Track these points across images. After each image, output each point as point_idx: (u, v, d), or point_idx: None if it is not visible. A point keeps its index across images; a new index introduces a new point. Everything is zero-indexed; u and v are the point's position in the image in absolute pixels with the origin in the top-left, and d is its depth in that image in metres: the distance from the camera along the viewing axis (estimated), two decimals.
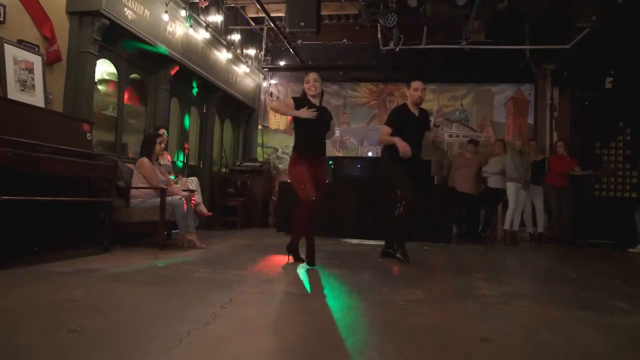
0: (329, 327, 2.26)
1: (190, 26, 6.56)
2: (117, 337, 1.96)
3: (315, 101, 4.26)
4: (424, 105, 5.04)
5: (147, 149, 5.23)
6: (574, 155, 8.06)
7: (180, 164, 7.33)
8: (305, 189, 4.05)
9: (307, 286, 3.30)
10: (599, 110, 8.77)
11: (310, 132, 4.21)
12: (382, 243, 5.10)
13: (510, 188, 7.56)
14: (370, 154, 8.59)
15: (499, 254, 6.15)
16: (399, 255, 4.69)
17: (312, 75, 4.25)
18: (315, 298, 2.90)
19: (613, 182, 8.81)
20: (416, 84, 4.78)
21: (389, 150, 4.78)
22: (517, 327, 2.38)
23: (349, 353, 1.89)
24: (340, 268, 4.14)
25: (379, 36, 7.30)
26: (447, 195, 7.30)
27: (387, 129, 4.77)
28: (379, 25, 6.87)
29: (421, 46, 7.43)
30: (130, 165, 5.31)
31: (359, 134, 9.47)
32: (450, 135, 9.19)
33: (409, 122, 4.75)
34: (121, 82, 5.93)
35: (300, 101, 4.25)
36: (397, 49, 7.27)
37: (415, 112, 4.83)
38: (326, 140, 4.44)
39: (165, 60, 6.46)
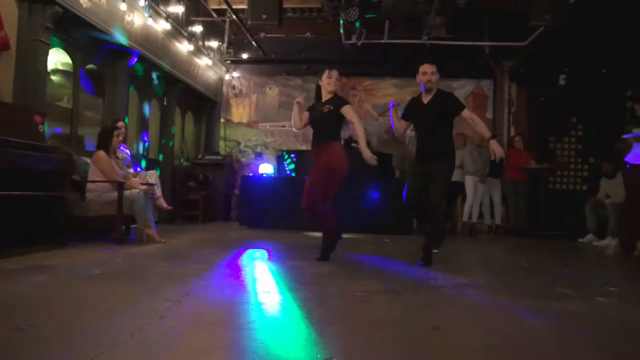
0: (285, 319, 2.28)
1: (150, 16, 6.42)
2: (65, 334, 1.92)
3: (328, 95, 4.18)
4: (385, 100, 4.88)
5: (105, 142, 5.10)
6: (530, 150, 8.32)
7: (143, 161, 7.19)
8: (304, 193, 4.12)
9: (267, 280, 3.30)
10: (554, 106, 9.08)
11: (315, 127, 4.19)
12: (349, 235, 5.07)
13: (469, 181, 7.76)
14: None
15: (458, 246, 6.31)
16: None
17: (335, 73, 4.18)
18: (273, 291, 2.91)
19: (566, 176, 9.16)
20: (423, 67, 4.15)
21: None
22: (468, 315, 2.46)
23: (304, 344, 1.91)
24: (301, 261, 4.16)
25: (342, 30, 7.32)
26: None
27: (400, 123, 4.39)
28: (341, 19, 6.89)
29: (383, 41, 7.50)
30: (87, 159, 5.17)
31: None
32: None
33: (417, 113, 4.25)
34: (77, 72, 5.75)
35: (311, 107, 4.28)
36: (359, 43, 7.31)
37: (426, 99, 4.20)
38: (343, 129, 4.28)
39: (124, 51, 6.30)
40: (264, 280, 3.28)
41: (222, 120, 9.82)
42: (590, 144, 8.95)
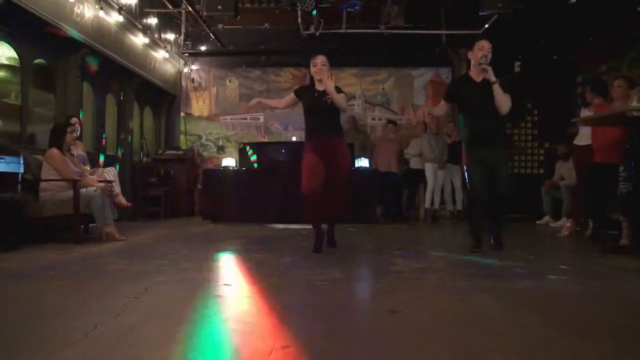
0: (244, 311, 2.28)
1: (101, 8, 6.23)
2: (16, 335, 1.87)
3: (320, 86, 4.06)
4: (345, 89, 4.54)
5: (57, 139, 4.95)
6: None
7: (101, 157, 7.01)
8: (304, 178, 3.93)
9: (227, 273, 3.29)
10: (509, 92, 9.28)
11: (313, 117, 4.09)
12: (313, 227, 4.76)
13: (428, 168, 7.92)
14: (294, 138, 8.60)
15: (420, 232, 6.43)
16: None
17: (319, 59, 4.02)
18: (233, 284, 2.90)
19: (523, 160, 9.43)
20: (481, 43, 3.97)
21: (465, 132, 4.13)
22: (424, 298, 2.52)
23: (262, 334, 1.92)
24: (263, 253, 4.16)
25: (299, 20, 7.30)
26: (370, 177, 7.48)
27: (442, 105, 4.16)
28: (298, 9, 6.87)
29: (341, 30, 7.51)
30: (40, 157, 5.00)
31: (283, 118, 9.44)
32: (373, 119, 9.41)
33: (470, 94, 3.98)
34: (24, 67, 5.54)
35: (302, 90, 4.19)
36: (317, 33, 7.31)
37: (479, 79, 3.97)
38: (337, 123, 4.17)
39: (75, 44, 6.09)
40: (224, 273, 3.27)
41: (182, 114, 9.66)
42: (545, 129, 9.23)
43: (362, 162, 7.58)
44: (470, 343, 1.81)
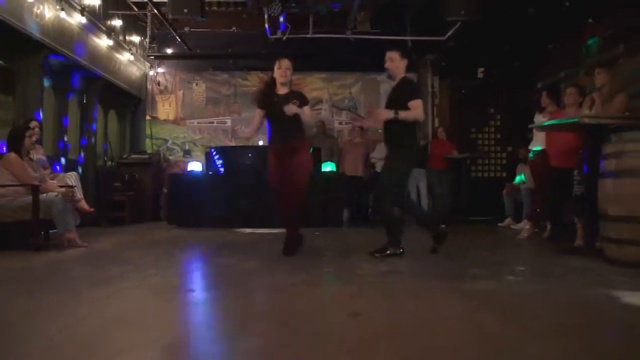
0: (208, 316, 2.28)
1: (62, 9, 6.10)
2: None
3: (284, 89, 4.15)
4: (312, 94, 4.76)
5: (15, 143, 4.80)
6: (453, 140, 8.71)
7: (63, 162, 6.83)
8: (269, 174, 4.08)
9: (191, 279, 3.28)
10: (474, 98, 9.55)
11: (274, 121, 4.15)
12: (278, 230, 4.96)
13: None
14: (260, 142, 8.58)
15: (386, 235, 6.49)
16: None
17: (285, 62, 4.10)
18: (197, 289, 2.90)
19: (487, 164, 9.68)
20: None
21: None
22: (386, 300, 2.58)
23: (223, 339, 1.93)
24: (228, 258, 4.15)
25: (266, 25, 7.31)
26: (337, 181, 7.54)
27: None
28: (265, 13, 6.88)
29: (308, 35, 7.56)
30: None
31: (250, 123, 9.38)
32: (340, 123, 9.48)
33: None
34: None
35: (263, 98, 4.21)
36: (284, 38, 7.34)
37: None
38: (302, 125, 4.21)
39: (35, 46, 5.92)
40: (188, 279, 3.25)
41: (147, 117, 9.50)
42: (507, 133, 9.50)
43: (329, 166, 7.63)
44: (427, 342, 1.86)
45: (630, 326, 2.13)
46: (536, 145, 5.58)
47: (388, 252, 4.15)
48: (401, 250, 4.18)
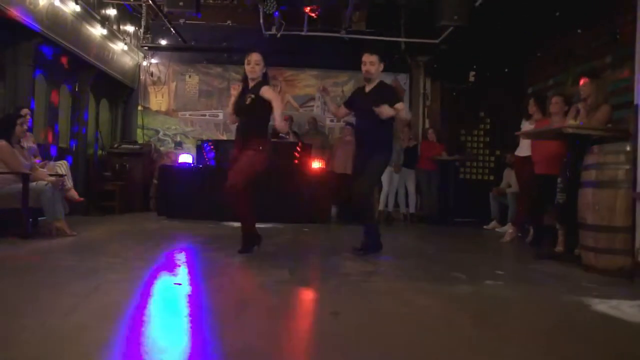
0: (192, 311, 2.34)
1: None
2: None
3: (252, 83, 4.00)
4: (305, 90, 4.67)
5: (6, 131, 4.82)
6: (443, 142, 8.81)
7: (54, 150, 6.83)
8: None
9: (178, 271, 3.33)
10: (464, 101, 9.66)
11: (241, 117, 4.06)
12: (265, 225, 5.03)
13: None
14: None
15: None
16: None
17: (253, 57, 3.93)
18: (184, 282, 2.96)
19: (475, 166, 9.80)
20: (363, 56, 4.47)
21: None
22: (367, 300, 2.66)
23: (205, 334, 2.00)
24: (215, 251, 4.21)
25: (261, 21, 7.34)
26: (326, 178, 7.61)
27: (340, 110, 4.84)
28: (260, 10, 6.91)
29: (302, 33, 7.60)
30: None
31: None
32: (332, 120, 9.54)
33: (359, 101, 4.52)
34: None
35: (240, 93, 4.09)
36: (278, 35, 7.37)
37: (368, 89, 4.52)
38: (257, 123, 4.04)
39: (27, 33, 5.91)
40: (175, 272, 3.31)
41: (139, 108, 9.49)
42: (496, 137, 9.62)
43: (317, 164, 7.70)
44: (401, 340, 1.95)
45: (593, 331, 2.24)
46: (522, 152, 5.69)
47: (367, 251, 4.25)
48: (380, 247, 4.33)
